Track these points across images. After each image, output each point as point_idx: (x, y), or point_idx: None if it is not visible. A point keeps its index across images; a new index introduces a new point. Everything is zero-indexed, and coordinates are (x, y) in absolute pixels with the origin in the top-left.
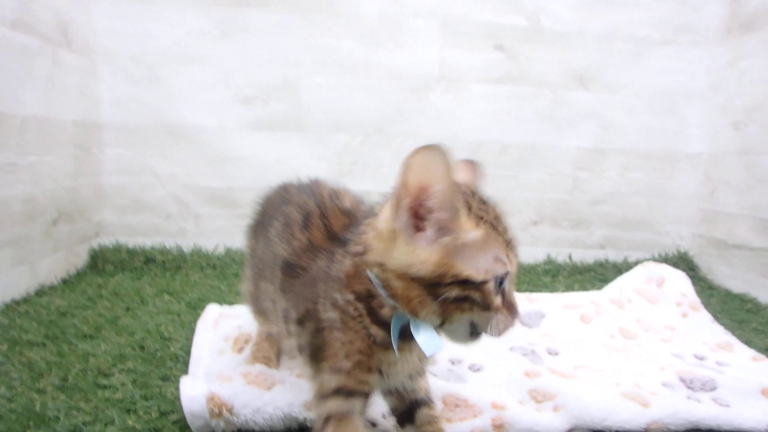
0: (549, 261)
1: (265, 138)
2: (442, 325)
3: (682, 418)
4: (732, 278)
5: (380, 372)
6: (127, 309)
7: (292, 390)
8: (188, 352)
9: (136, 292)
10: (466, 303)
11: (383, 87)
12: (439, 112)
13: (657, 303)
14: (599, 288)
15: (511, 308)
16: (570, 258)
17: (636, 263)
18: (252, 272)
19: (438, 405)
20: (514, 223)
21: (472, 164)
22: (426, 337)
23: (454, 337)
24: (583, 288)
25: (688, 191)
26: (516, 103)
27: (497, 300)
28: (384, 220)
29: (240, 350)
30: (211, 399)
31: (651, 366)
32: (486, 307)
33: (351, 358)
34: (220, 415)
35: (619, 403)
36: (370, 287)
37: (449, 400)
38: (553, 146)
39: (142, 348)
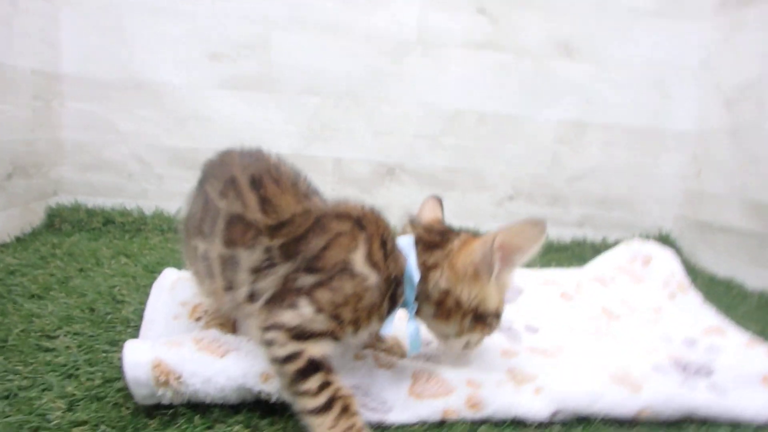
0: None
1: (233, 97)
2: (453, 336)
3: (676, 405)
4: (716, 263)
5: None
6: (81, 270)
7: (247, 358)
8: (140, 316)
9: (92, 253)
10: (488, 326)
11: (358, 48)
12: (416, 78)
13: (642, 282)
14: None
15: None
16: (546, 235)
17: (615, 243)
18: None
19: (407, 380)
20: (489, 197)
21: (438, 200)
22: (414, 337)
23: (451, 346)
24: (560, 267)
25: (672, 170)
26: (496, 71)
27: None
28: (467, 258)
29: (197, 319)
30: (156, 366)
31: (639, 348)
32: (492, 330)
33: (357, 313)
34: (167, 383)
35: (607, 387)
36: (402, 278)
37: (420, 374)
38: (533, 118)
39: (91, 310)
